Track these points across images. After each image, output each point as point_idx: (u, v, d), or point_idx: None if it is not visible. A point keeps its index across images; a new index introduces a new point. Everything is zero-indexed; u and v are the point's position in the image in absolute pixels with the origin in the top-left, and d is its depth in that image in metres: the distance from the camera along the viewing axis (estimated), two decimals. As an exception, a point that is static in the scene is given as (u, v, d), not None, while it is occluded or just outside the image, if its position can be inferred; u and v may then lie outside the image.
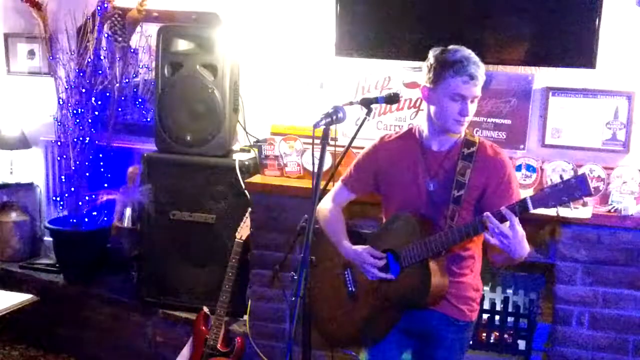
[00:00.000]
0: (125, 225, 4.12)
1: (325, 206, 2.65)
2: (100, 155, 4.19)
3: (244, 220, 3.49)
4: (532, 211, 2.15)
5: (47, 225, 4.27)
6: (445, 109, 2.33)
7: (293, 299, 1.93)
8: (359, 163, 2.63)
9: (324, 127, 2.16)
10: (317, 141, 2.17)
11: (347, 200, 2.67)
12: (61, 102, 4.15)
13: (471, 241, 2.41)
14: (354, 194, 2.65)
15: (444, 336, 2.46)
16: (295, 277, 1.98)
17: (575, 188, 2.07)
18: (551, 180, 3.23)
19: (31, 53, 4.51)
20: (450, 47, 2.35)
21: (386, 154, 2.54)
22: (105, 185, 4.21)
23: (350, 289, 2.57)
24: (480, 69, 2.31)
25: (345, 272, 2.60)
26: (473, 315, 2.51)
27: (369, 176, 2.58)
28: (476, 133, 3.43)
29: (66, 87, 4.12)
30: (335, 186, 2.69)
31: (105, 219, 4.24)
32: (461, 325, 2.47)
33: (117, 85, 4.14)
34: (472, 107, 2.35)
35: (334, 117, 2.20)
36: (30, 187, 4.65)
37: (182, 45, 3.69)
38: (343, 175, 2.68)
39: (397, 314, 2.44)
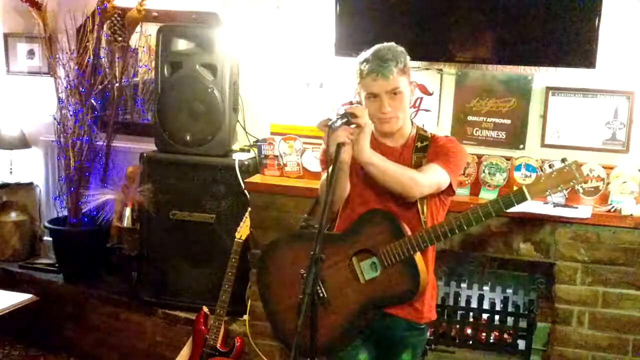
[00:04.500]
0: (125, 225, 4.11)
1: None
2: (100, 155, 4.20)
3: (243, 220, 3.48)
4: (529, 200, 2.22)
5: (47, 225, 4.27)
6: (369, 110, 2.26)
7: (301, 296, 1.93)
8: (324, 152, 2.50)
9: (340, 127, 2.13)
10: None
11: None
12: (61, 102, 4.15)
13: None
14: None
15: (406, 341, 2.42)
16: (304, 274, 1.97)
17: (568, 173, 2.19)
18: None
19: (31, 53, 4.51)
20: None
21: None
22: (105, 185, 4.21)
23: (321, 295, 2.41)
24: (387, 61, 2.24)
25: None
26: (432, 314, 2.47)
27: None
28: (476, 132, 3.44)
29: (66, 87, 4.12)
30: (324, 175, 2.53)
31: (105, 219, 4.24)
32: (422, 327, 2.44)
33: (117, 85, 4.14)
34: (395, 101, 2.28)
35: (349, 117, 2.16)
36: (30, 187, 4.65)
37: (182, 45, 3.68)
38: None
39: (374, 314, 2.36)
